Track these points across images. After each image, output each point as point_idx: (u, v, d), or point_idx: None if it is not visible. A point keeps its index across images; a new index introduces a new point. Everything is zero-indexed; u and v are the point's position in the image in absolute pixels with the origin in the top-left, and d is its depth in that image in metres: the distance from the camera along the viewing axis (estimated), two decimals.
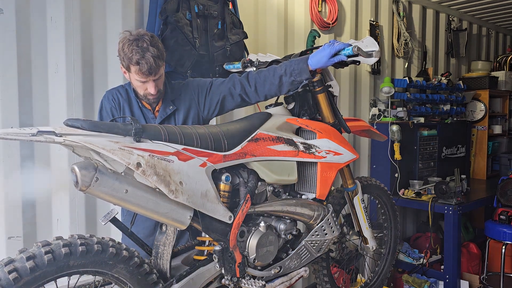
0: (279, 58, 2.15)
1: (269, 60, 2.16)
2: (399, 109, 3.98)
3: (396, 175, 3.85)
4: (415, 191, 3.84)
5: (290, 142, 1.87)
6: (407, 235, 4.49)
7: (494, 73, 5.21)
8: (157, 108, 1.99)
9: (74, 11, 2.26)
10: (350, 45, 1.77)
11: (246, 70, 2.26)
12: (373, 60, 1.83)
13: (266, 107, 2.03)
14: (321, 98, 1.99)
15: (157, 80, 1.86)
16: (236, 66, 2.34)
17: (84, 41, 2.30)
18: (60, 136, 1.28)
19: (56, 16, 2.20)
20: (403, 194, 3.84)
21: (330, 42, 1.83)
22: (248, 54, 2.58)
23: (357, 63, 1.95)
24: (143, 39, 1.76)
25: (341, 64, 1.97)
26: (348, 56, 1.79)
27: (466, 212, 3.63)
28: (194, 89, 2.02)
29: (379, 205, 2.59)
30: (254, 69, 2.20)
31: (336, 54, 1.79)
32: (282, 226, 1.90)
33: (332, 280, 2.27)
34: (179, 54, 2.25)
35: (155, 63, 1.77)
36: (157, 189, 1.47)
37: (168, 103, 1.97)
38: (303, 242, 1.97)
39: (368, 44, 1.80)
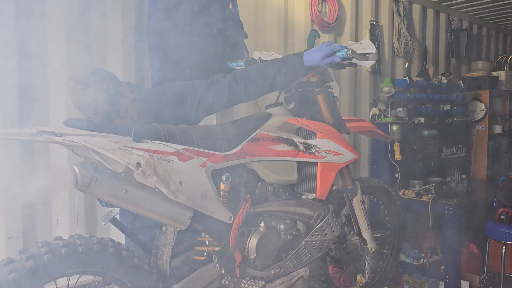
0: (280, 57, 2.15)
1: (271, 59, 2.15)
2: (399, 109, 3.97)
3: (396, 175, 3.84)
4: (415, 191, 3.83)
5: (290, 142, 1.87)
6: (407, 235, 4.48)
7: (494, 73, 5.20)
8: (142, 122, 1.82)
9: (74, 11, 2.26)
10: (346, 47, 1.77)
11: None
12: (369, 63, 1.83)
13: (266, 107, 2.03)
14: (321, 99, 1.99)
15: (126, 113, 1.74)
16: (239, 64, 2.34)
17: (84, 41, 2.30)
18: (60, 136, 1.28)
19: (56, 16, 2.20)
20: (403, 194, 3.84)
21: (328, 42, 1.83)
22: (248, 54, 2.57)
23: (354, 66, 1.95)
24: (92, 83, 1.64)
25: (339, 66, 1.97)
26: (343, 59, 1.79)
27: (466, 212, 3.62)
28: (176, 97, 1.85)
29: (382, 206, 2.59)
30: None
31: (331, 55, 1.78)
32: (282, 226, 1.90)
33: (330, 280, 2.27)
34: (179, 54, 2.25)
35: (114, 104, 1.67)
36: (156, 189, 1.47)
37: (151, 117, 1.82)
38: (303, 242, 1.97)
39: (366, 46, 1.80)
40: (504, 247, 3.63)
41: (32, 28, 2.14)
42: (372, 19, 4.03)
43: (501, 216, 3.71)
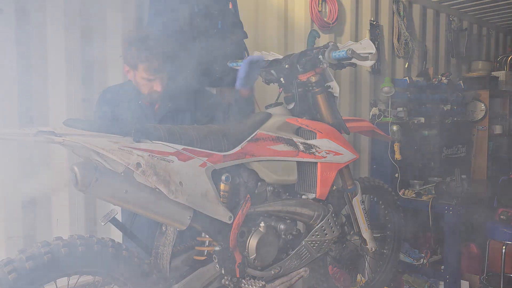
0: (280, 57, 2.15)
1: (270, 59, 2.16)
2: (399, 109, 3.97)
3: (396, 175, 3.84)
4: (415, 191, 3.83)
5: (290, 142, 1.86)
6: (407, 235, 4.48)
7: (494, 73, 5.20)
8: (157, 106, 2.00)
9: (74, 10, 2.26)
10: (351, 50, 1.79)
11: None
12: (369, 63, 1.84)
13: (266, 107, 2.03)
14: (321, 99, 1.99)
15: (164, 78, 1.89)
16: (239, 64, 2.34)
17: (84, 40, 2.30)
18: (60, 136, 1.29)
19: (56, 16, 2.20)
20: (403, 194, 3.83)
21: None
22: (248, 54, 2.57)
23: (354, 66, 1.95)
24: (150, 37, 1.83)
25: (339, 66, 1.97)
26: (339, 59, 1.80)
27: (466, 212, 3.62)
28: (192, 92, 2.07)
29: (382, 206, 2.59)
30: None
31: (252, 64, 1.94)
32: (282, 226, 1.90)
33: (330, 280, 2.27)
34: (179, 54, 2.25)
35: (164, 61, 1.83)
36: (156, 189, 1.47)
37: (169, 100, 1.99)
38: (303, 242, 1.97)
39: (366, 46, 1.81)
40: (504, 247, 3.63)
41: (32, 28, 2.14)
42: (372, 19, 4.03)
43: (501, 216, 3.71)
